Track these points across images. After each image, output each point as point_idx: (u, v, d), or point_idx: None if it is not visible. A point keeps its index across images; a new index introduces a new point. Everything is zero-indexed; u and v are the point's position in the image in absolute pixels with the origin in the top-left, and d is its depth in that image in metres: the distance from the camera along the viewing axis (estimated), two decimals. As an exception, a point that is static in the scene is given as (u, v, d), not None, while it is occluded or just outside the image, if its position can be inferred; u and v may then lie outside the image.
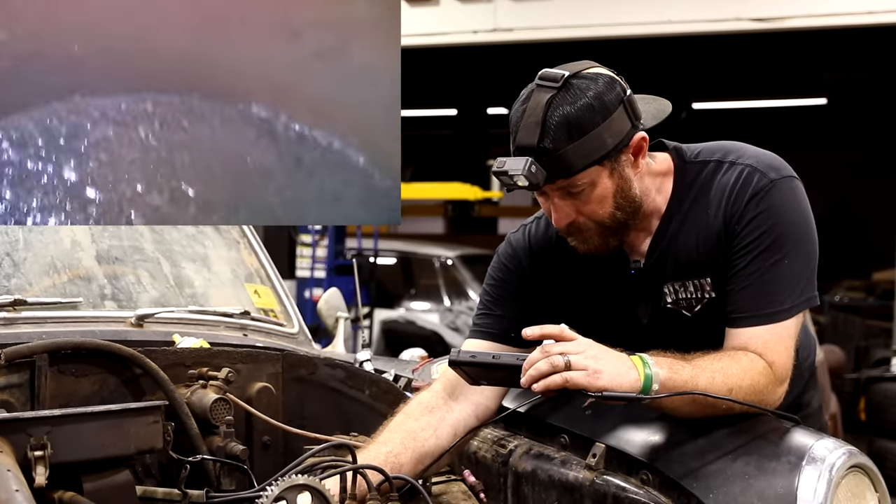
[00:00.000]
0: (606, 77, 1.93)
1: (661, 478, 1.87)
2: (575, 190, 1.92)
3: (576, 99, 1.87)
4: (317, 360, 2.40)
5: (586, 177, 1.90)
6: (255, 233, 3.00)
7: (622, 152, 1.93)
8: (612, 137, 1.89)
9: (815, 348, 2.33)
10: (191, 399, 2.07)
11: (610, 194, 1.94)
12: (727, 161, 2.01)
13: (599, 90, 1.89)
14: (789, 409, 2.08)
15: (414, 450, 2.03)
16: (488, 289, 2.18)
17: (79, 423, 1.75)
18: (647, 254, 2.05)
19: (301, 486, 1.67)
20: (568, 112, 1.86)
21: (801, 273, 1.95)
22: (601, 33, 8.12)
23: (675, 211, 2.03)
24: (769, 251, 1.93)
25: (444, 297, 9.91)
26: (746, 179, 1.96)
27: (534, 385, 1.79)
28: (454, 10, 8.44)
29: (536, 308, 2.12)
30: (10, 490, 1.53)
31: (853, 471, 1.83)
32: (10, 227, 2.37)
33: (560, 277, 2.13)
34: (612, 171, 1.93)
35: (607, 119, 1.88)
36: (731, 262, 1.96)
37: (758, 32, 8.03)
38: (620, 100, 1.90)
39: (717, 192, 1.99)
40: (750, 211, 1.94)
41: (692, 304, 2.02)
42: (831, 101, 14.26)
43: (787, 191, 1.96)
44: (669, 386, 1.82)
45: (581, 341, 1.81)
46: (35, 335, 2.10)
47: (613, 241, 2.02)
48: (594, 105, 1.87)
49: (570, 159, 1.87)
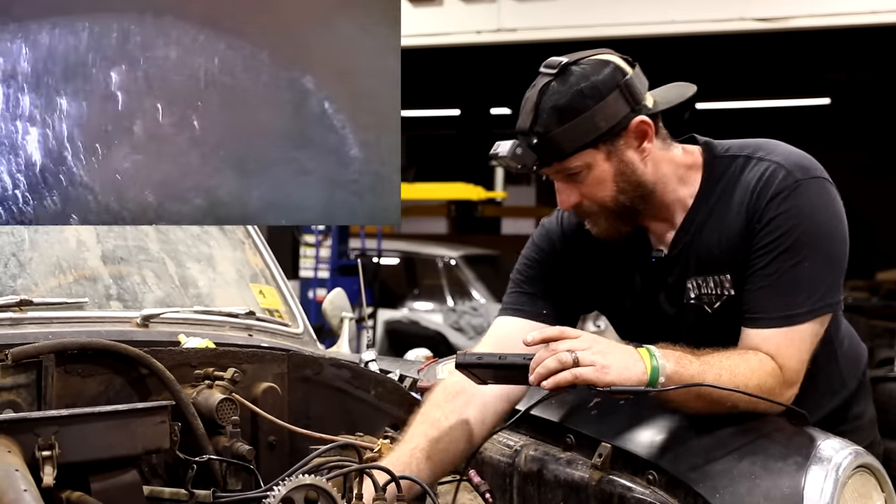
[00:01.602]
0: (606, 63, 1.94)
1: (667, 477, 1.87)
2: (572, 173, 1.95)
3: (569, 84, 1.91)
4: (322, 360, 2.41)
5: (580, 159, 1.93)
6: (259, 233, 3.00)
7: (619, 136, 1.94)
8: (605, 121, 1.91)
9: (863, 358, 2.24)
10: (197, 399, 2.07)
11: (609, 177, 1.96)
12: (755, 157, 2.00)
13: (593, 75, 1.92)
14: (833, 421, 2.07)
15: (439, 440, 2.01)
16: (521, 268, 2.19)
17: (86, 423, 1.75)
18: (671, 245, 2.05)
19: (308, 486, 1.67)
20: (559, 96, 1.91)
21: (823, 277, 1.92)
22: (605, 33, 8.11)
23: (702, 205, 2.02)
24: (789, 252, 1.91)
25: (448, 297, 9.91)
26: (771, 177, 1.95)
27: (543, 382, 1.79)
28: (457, 11, 8.43)
29: (567, 290, 2.13)
30: (19, 490, 1.54)
31: (860, 471, 1.83)
32: (16, 228, 2.37)
33: (589, 262, 2.13)
34: (610, 154, 1.94)
35: (600, 103, 1.91)
36: (751, 262, 1.95)
37: (762, 32, 8.02)
38: (616, 84, 1.92)
39: (742, 188, 1.98)
40: (772, 210, 1.93)
41: (712, 301, 2.02)
42: (835, 101, 14.24)
43: (814, 192, 1.94)
44: (676, 379, 1.81)
45: (586, 337, 1.82)
46: (41, 335, 2.10)
47: (624, 227, 2.03)
48: (585, 89, 1.90)
49: (560, 142, 1.91)
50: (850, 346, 2.18)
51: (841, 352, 2.13)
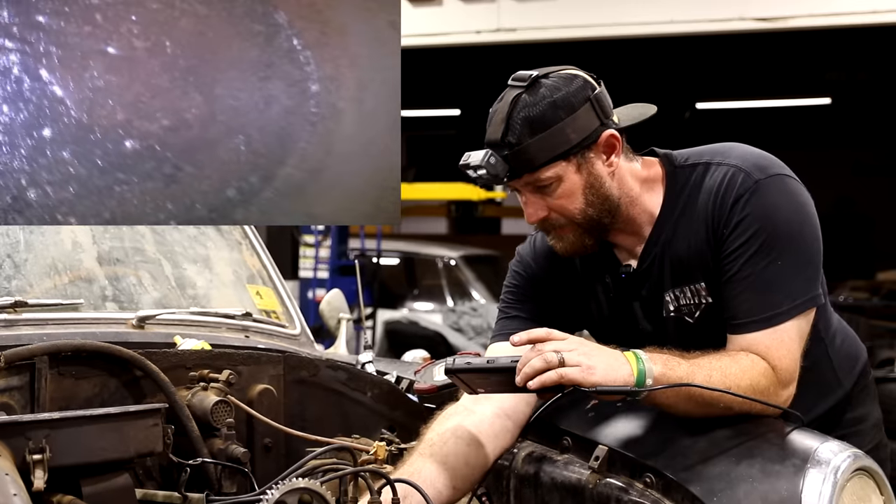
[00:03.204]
0: (575, 77, 1.96)
1: (664, 480, 1.86)
2: (542, 185, 1.96)
3: (540, 97, 1.92)
4: (318, 361, 2.40)
5: (551, 171, 1.94)
6: (256, 234, 2.99)
7: (589, 149, 1.95)
8: (575, 133, 1.92)
9: (861, 357, 2.22)
10: (192, 401, 2.06)
11: (578, 190, 1.96)
12: (714, 163, 2.01)
13: (564, 88, 1.93)
14: (832, 425, 2.06)
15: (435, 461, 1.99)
16: (504, 297, 2.22)
17: (78, 426, 1.74)
18: (640, 258, 2.05)
19: (302, 490, 1.66)
20: (531, 108, 1.92)
21: (797, 273, 1.92)
22: (605, 33, 8.12)
23: (668, 217, 2.03)
24: (760, 254, 1.91)
25: (448, 297, 9.91)
26: (731, 181, 1.95)
27: (529, 383, 1.80)
28: (457, 10, 8.43)
29: (550, 310, 2.13)
30: (9, 494, 1.52)
31: (858, 474, 1.82)
32: (10, 229, 2.37)
33: (563, 282, 2.15)
34: (580, 166, 1.95)
35: (571, 115, 1.92)
36: (724, 268, 1.94)
37: (761, 32, 8.02)
38: (587, 97, 1.94)
39: (704, 195, 1.98)
40: (736, 214, 1.93)
41: (692, 311, 2.02)
42: (835, 101, 14.24)
43: (774, 190, 1.93)
44: (663, 381, 1.81)
45: (572, 339, 1.83)
46: (35, 337, 2.09)
47: (589, 241, 2.03)
48: (557, 101, 1.92)
49: (532, 153, 1.92)
50: (845, 343, 2.16)
51: (833, 349, 2.12)
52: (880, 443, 2.18)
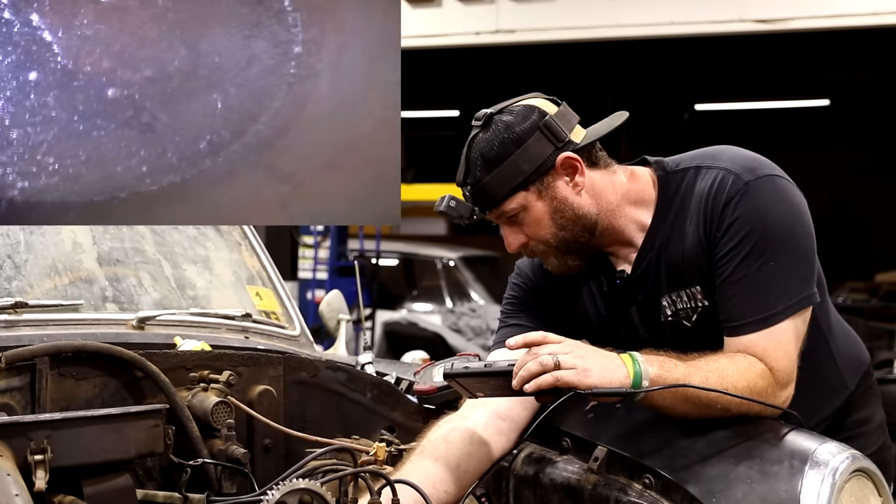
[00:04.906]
0: (528, 107, 2.01)
1: (663, 481, 1.86)
2: (510, 216, 2.03)
3: (492, 133, 2.00)
4: (318, 362, 2.40)
5: (513, 202, 2.01)
6: (256, 234, 3.00)
7: (547, 174, 2.00)
8: (528, 163, 1.99)
9: (864, 358, 2.22)
10: (192, 402, 2.07)
11: (545, 215, 2.01)
12: (704, 166, 2.02)
13: (513, 122, 2.00)
14: (837, 427, 2.07)
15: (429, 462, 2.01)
16: (505, 308, 2.25)
17: (79, 426, 1.74)
18: (634, 264, 2.07)
19: (302, 491, 1.66)
20: (485, 146, 2.00)
21: (791, 272, 1.92)
22: (604, 35, 8.12)
23: (661, 222, 2.04)
24: (752, 256, 1.91)
25: (447, 298, 9.91)
26: (721, 184, 1.96)
27: (525, 386, 1.81)
28: (456, 12, 8.43)
29: (550, 320, 2.15)
30: (10, 494, 1.53)
31: (857, 475, 1.82)
32: (11, 229, 2.37)
33: (561, 292, 2.17)
34: (541, 193, 2.01)
35: (520, 147, 1.98)
36: (717, 271, 1.95)
37: (760, 34, 8.02)
38: (536, 127, 1.99)
39: (696, 198, 2.00)
40: (727, 217, 1.94)
41: (689, 314, 2.02)
42: (834, 103, 14.24)
43: (765, 191, 1.94)
44: (660, 383, 1.82)
45: (568, 342, 1.85)
46: (36, 338, 2.09)
47: (572, 261, 2.07)
48: (506, 137, 1.99)
49: (492, 189, 2.00)
50: (848, 344, 2.17)
51: (836, 348, 2.13)
52: (884, 444, 2.19)
